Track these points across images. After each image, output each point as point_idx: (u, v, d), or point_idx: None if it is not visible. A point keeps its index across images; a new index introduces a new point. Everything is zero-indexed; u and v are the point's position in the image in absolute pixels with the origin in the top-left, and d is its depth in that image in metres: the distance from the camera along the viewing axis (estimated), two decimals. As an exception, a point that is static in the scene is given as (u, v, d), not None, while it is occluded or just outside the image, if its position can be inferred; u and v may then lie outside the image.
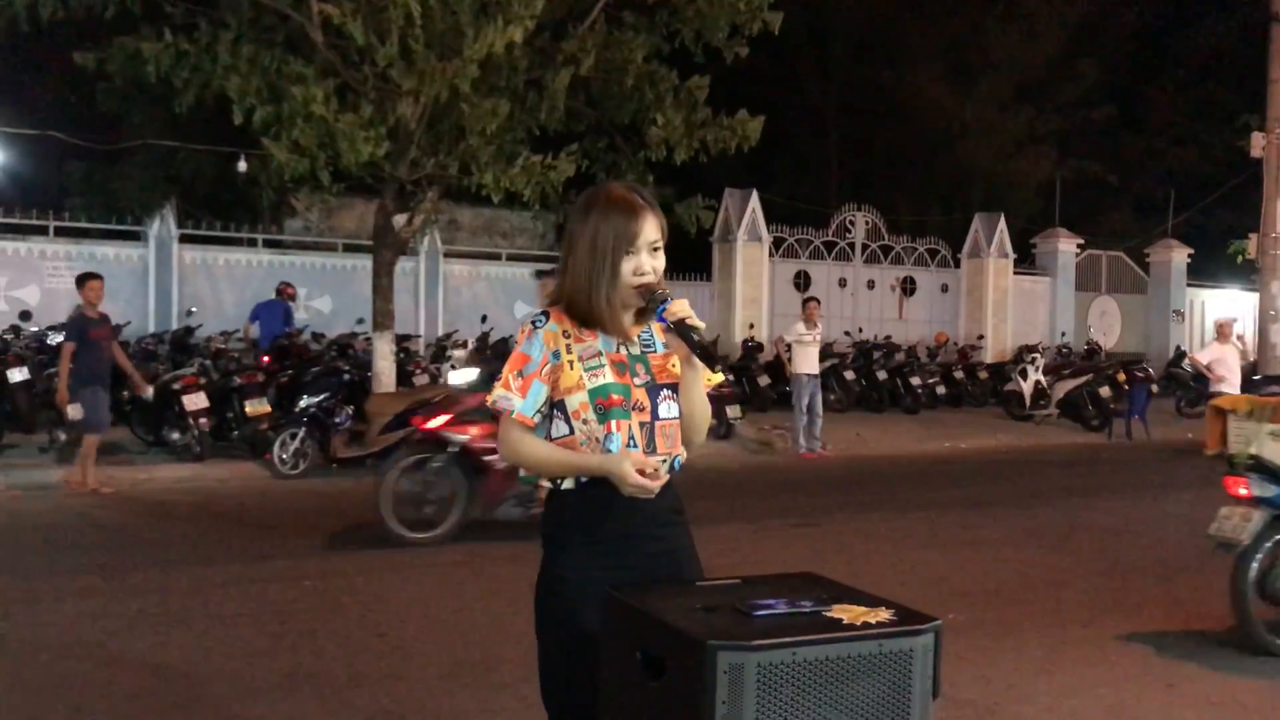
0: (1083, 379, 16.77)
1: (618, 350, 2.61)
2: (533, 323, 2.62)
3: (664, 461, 2.61)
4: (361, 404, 11.15)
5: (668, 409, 2.62)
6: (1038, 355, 18.17)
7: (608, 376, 2.57)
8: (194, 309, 14.75)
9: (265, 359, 12.35)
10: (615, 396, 2.56)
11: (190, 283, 15.48)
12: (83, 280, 9.81)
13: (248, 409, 10.78)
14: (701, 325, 2.54)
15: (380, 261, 12.22)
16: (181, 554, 7.34)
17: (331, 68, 11.07)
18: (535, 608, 2.67)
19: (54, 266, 14.71)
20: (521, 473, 2.75)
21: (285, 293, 14.28)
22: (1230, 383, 14.24)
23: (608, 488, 2.54)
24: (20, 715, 4.39)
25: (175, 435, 10.85)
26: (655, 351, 2.65)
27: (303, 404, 10.78)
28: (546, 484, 2.68)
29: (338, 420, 10.74)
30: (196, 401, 10.54)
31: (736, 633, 2.15)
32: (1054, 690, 4.94)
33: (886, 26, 25.37)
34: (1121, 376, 16.66)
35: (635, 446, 2.56)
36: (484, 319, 15.59)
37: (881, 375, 17.42)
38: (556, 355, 2.58)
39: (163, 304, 15.27)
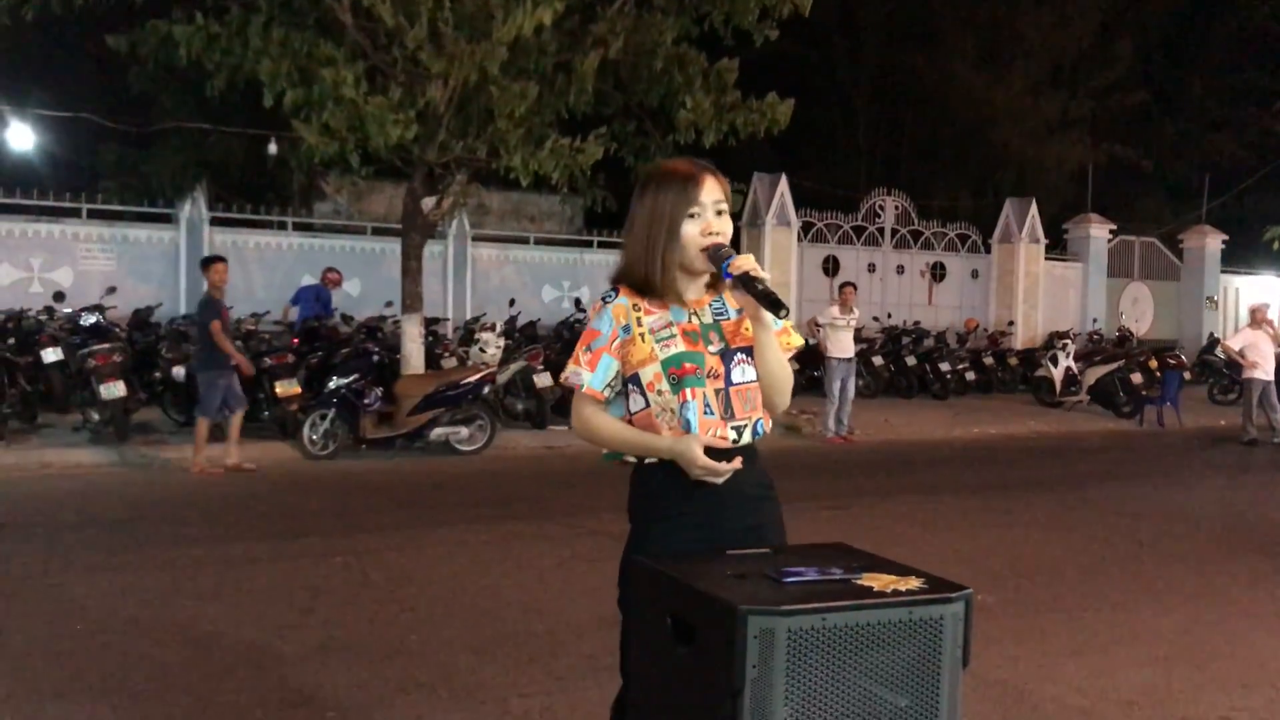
0: (1114, 365, 16.63)
1: (689, 320, 2.60)
2: (603, 298, 2.63)
3: (745, 426, 2.59)
4: (390, 385, 11.23)
5: (742, 373, 2.60)
6: (1069, 341, 18.03)
7: (680, 346, 2.56)
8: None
9: (294, 341, 12.42)
10: (688, 365, 2.55)
11: (221, 265, 15.56)
12: (208, 263, 10.11)
13: (278, 390, 10.85)
14: (766, 276, 2.51)
15: (409, 244, 12.27)
16: (213, 531, 7.41)
17: (361, 51, 11.11)
18: (620, 580, 2.64)
19: (87, 249, 14.86)
20: (604, 451, 2.73)
21: (328, 279, 14.32)
22: (1264, 369, 14.10)
23: None
24: (55, 683, 4.45)
25: (207, 416, 10.91)
26: (728, 318, 2.64)
27: (332, 385, 10.84)
28: (631, 459, 2.67)
29: (367, 401, 10.80)
30: (228, 382, 10.61)
31: (767, 598, 2.15)
32: (1084, 671, 4.92)
33: (918, 9, 25.22)
34: (1154, 363, 16.52)
35: (712, 414, 2.55)
36: (512, 303, 15.65)
37: (910, 361, 17.35)
38: (627, 329, 2.58)
39: (194, 286, 15.35)
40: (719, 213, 2.59)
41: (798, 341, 2.70)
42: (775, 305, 2.50)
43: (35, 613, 5.38)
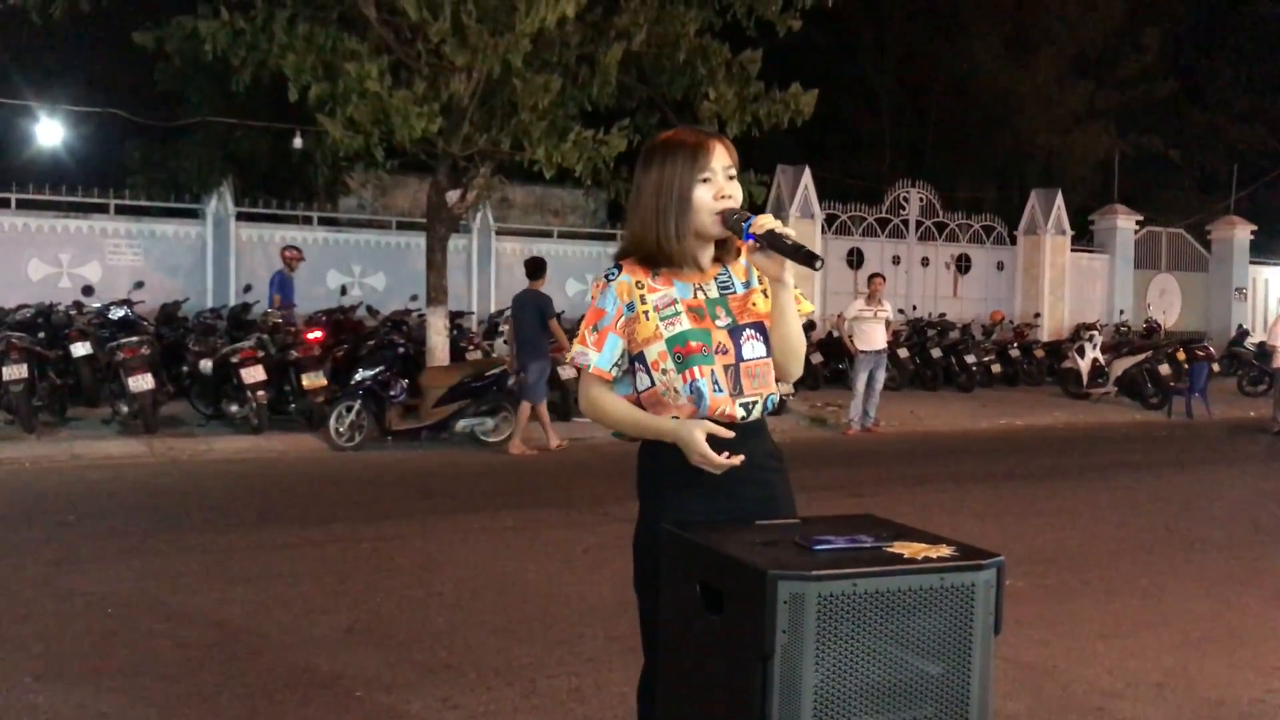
0: (1142, 357, 16.48)
1: (694, 296, 2.56)
2: (605, 276, 2.59)
3: (755, 402, 2.57)
4: (416, 378, 11.27)
5: (752, 349, 2.56)
6: (1095, 333, 17.89)
7: (685, 324, 2.52)
8: (251, 285, 14.93)
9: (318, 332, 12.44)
10: (693, 344, 2.51)
11: (247, 259, 15.68)
12: (537, 268, 10.82)
13: (304, 382, 10.90)
14: (792, 232, 2.47)
15: (433, 238, 12.31)
16: (241, 519, 7.46)
17: (385, 45, 11.15)
18: (634, 558, 2.62)
19: (114, 244, 14.99)
20: (610, 430, 2.71)
21: (284, 256, 14.10)
22: None
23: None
24: (86, 665, 4.49)
25: (234, 408, 10.98)
26: (735, 293, 2.60)
27: (358, 377, 10.89)
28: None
29: (393, 393, 10.84)
30: (254, 375, 10.68)
31: (797, 564, 2.14)
32: (1114, 654, 4.88)
33: (943, -1, 25.05)
34: (1181, 354, 16.37)
35: (721, 391, 2.51)
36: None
37: (936, 353, 17.26)
38: (631, 307, 2.55)
39: (220, 280, 15.50)
40: (730, 178, 2.54)
41: (808, 307, 2.66)
42: (810, 257, 2.44)
43: (66, 597, 5.43)
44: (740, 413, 2.54)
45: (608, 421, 2.63)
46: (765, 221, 2.45)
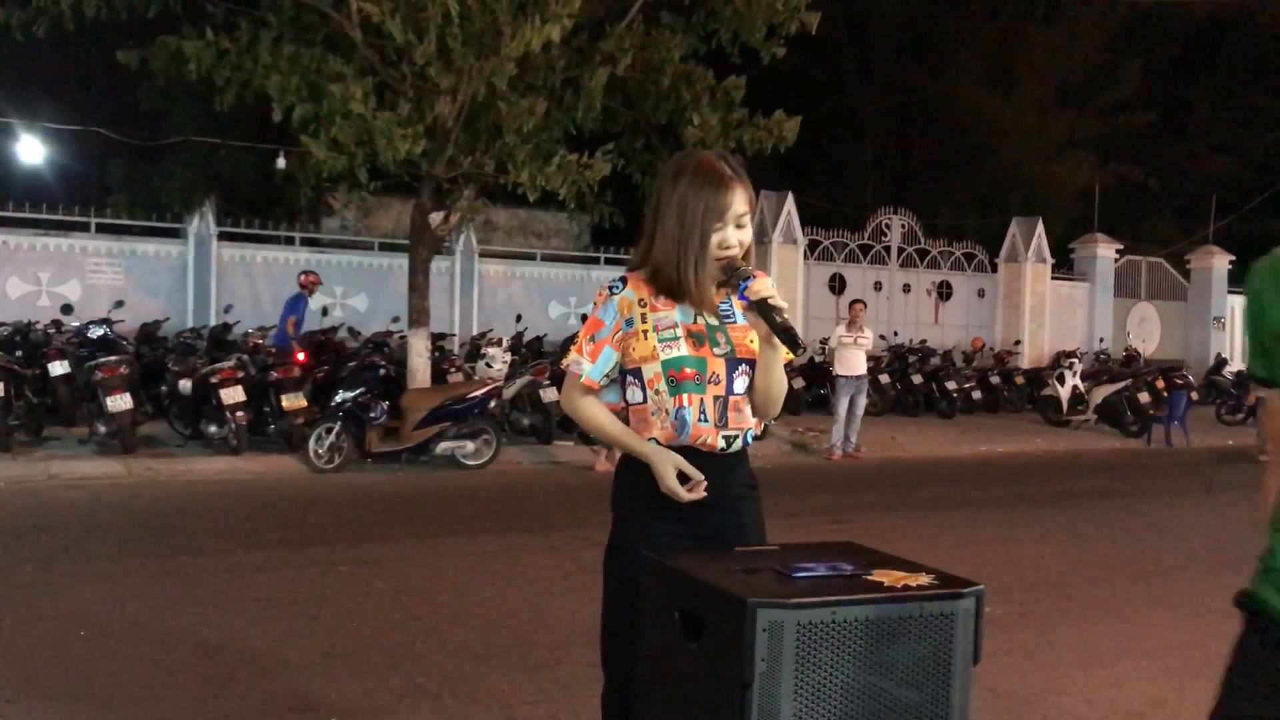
0: (1121, 384, 16.58)
1: (695, 320, 2.58)
2: (610, 288, 2.61)
3: (736, 436, 2.60)
4: (396, 400, 11.23)
5: (742, 384, 2.60)
6: (1075, 361, 18.00)
7: (682, 349, 2.55)
8: (232, 305, 14.89)
9: (301, 355, 12.40)
10: (688, 370, 2.54)
11: (228, 279, 15.64)
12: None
13: (284, 403, 10.85)
14: (785, 305, 2.49)
15: (416, 259, 12.29)
16: (218, 542, 7.39)
17: (370, 66, 11.16)
18: (604, 573, 2.66)
19: (95, 263, 14.92)
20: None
21: (304, 282, 13.84)
22: None
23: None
24: (59, 687, 4.43)
25: (213, 429, 10.92)
26: (735, 323, 2.62)
27: (338, 399, 10.85)
28: (618, 452, 2.69)
29: (373, 415, 10.79)
30: (234, 395, 10.63)
31: (776, 591, 2.13)
32: (1092, 683, 4.88)
33: (926, 28, 25.30)
34: (1161, 383, 16.47)
35: (706, 421, 2.55)
36: (518, 319, 15.65)
37: (917, 379, 17.32)
38: (630, 323, 2.57)
39: (201, 300, 15.44)
40: (739, 226, 2.56)
41: (790, 354, 2.67)
42: (793, 343, 2.49)
43: (39, 618, 5.37)
44: (722, 444, 2.58)
45: (587, 427, 2.70)
46: (761, 289, 2.47)
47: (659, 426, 2.56)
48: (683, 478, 2.52)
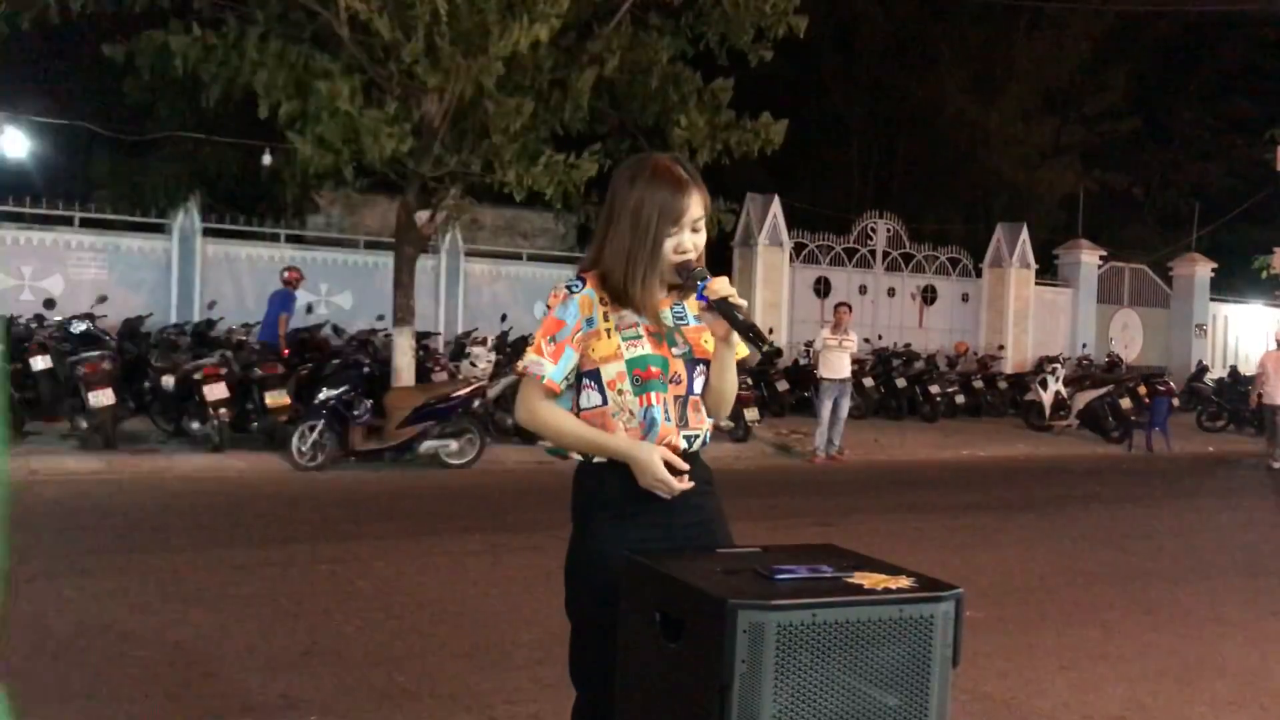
0: (1103, 390, 16.68)
1: (651, 321, 2.55)
2: (568, 287, 2.53)
3: (696, 436, 2.58)
4: (380, 398, 11.20)
5: (700, 384, 2.59)
6: (1058, 366, 18.10)
7: (646, 348, 2.51)
8: (216, 301, 14.82)
9: (285, 351, 12.37)
10: (654, 369, 2.51)
11: (213, 275, 15.58)
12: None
13: (268, 400, 10.81)
14: (744, 304, 2.46)
15: (402, 258, 12.26)
16: (199, 539, 7.37)
17: (357, 64, 11.12)
18: (566, 583, 2.62)
19: (78, 257, 14.84)
20: (546, 445, 2.68)
21: (286, 278, 13.82)
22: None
23: None
24: (39, 686, 4.41)
25: (195, 425, 10.89)
26: (688, 324, 2.59)
27: (322, 396, 10.81)
28: (577, 457, 2.62)
29: (357, 413, 10.77)
30: (217, 392, 10.59)
31: (757, 593, 2.14)
32: (1071, 686, 4.91)
33: (913, 34, 25.39)
34: (1143, 389, 16.58)
35: (669, 420, 2.52)
36: (504, 318, 15.63)
37: (900, 383, 17.38)
38: (591, 322, 2.51)
39: (185, 296, 15.38)
40: (695, 230, 2.52)
41: (743, 352, 2.64)
42: (757, 338, 2.46)
43: (18, 616, 5.33)
44: (684, 444, 2.55)
45: (550, 434, 2.58)
46: (720, 288, 2.44)
47: (621, 429, 2.51)
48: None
